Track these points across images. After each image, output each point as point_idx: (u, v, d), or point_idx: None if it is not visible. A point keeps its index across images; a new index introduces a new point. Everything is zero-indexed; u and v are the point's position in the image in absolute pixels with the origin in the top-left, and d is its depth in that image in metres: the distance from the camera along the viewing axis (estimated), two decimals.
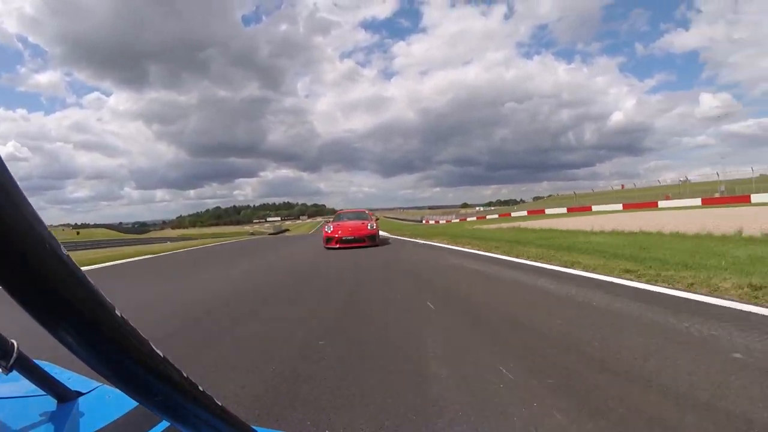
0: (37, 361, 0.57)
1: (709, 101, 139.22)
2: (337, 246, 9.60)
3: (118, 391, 0.25)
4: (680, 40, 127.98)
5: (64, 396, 0.59)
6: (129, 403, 0.56)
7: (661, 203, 32.70)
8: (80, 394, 0.61)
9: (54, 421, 0.55)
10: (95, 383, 0.65)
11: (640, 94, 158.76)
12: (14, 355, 0.47)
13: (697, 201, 29.94)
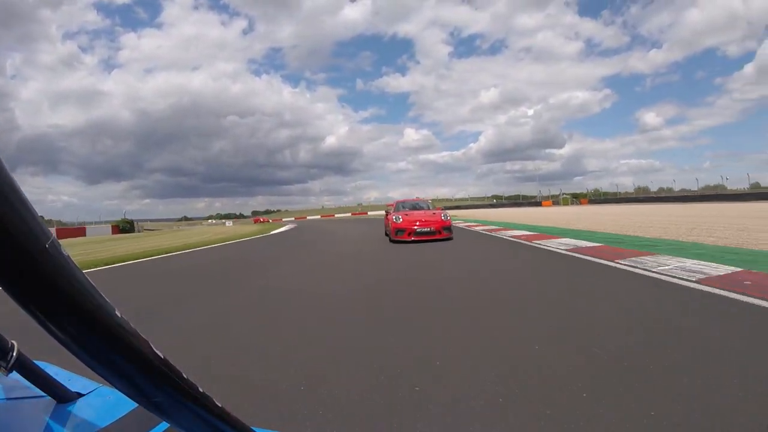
0: (36, 362, 0.57)
1: (412, 135, 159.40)
2: (412, 239, 8.43)
3: (117, 391, 0.25)
4: (396, 83, 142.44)
5: (64, 397, 0.59)
6: (129, 404, 0.56)
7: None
8: (80, 395, 0.61)
9: (53, 422, 0.55)
10: (95, 384, 0.65)
11: (353, 123, 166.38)
12: (14, 355, 0.47)
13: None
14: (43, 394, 0.57)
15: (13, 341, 0.49)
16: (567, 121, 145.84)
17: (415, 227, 8.58)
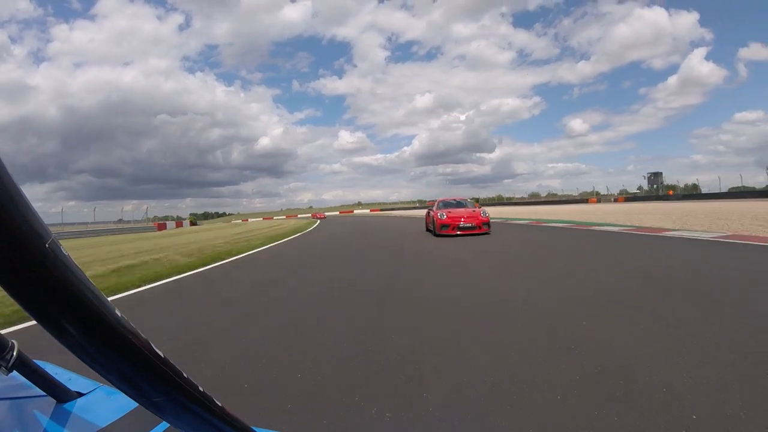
0: (37, 362, 0.57)
1: (347, 137, 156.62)
2: (457, 233, 9.45)
3: (117, 391, 0.25)
4: (332, 85, 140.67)
5: (64, 396, 0.59)
6: (129, 404, 0.56)
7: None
8: (80, 394, 0.61)
9: (54, 421, 0.55)
10: (95, 384, 0.65)
11: (288, 124, 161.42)
12: (14, 355, 0.47)
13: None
14: (44, 393, 0.57)
15: (14, 341, 0.49)
16: (497, 126, 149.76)
17: (459, 223, 9.53)
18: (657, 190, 47.30)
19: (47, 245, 0.20)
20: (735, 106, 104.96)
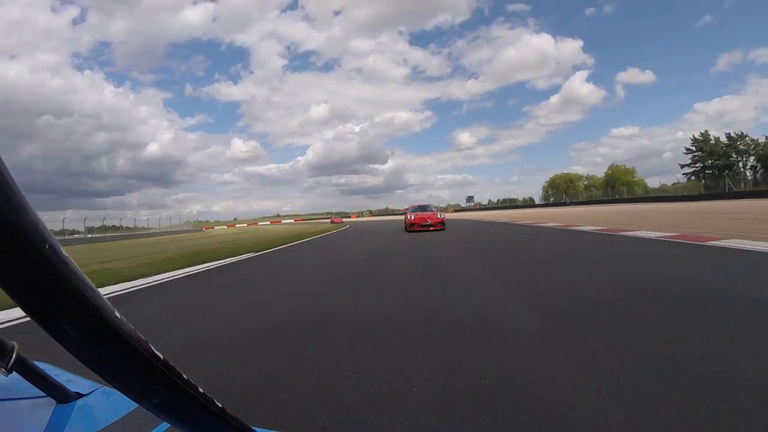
0: (36, 363, 0.57)
1: (240, 145, 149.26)
2: (418, 230, 13.84)
3: (117, 392, 0.25)
4: (227, 91, 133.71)
5: (64, 397, 0.59)
6: (129, 405, 0.56)
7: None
8: (80, 395, 0.61)
9: (54, 422, 0.55)
10: (95, 384, 0.65)
11: (178, 130, 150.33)
12: (14, 356, 0.47)
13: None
14: (44, 394, 0.57)
15: (14, 342, 0.49)
16: (390, 138, 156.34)
17: (422, 222, 14.04)
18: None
19: (47, 246, 0.20)
20: (612, 122, 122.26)
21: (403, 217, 18.35)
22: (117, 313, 0.24)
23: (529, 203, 64.70)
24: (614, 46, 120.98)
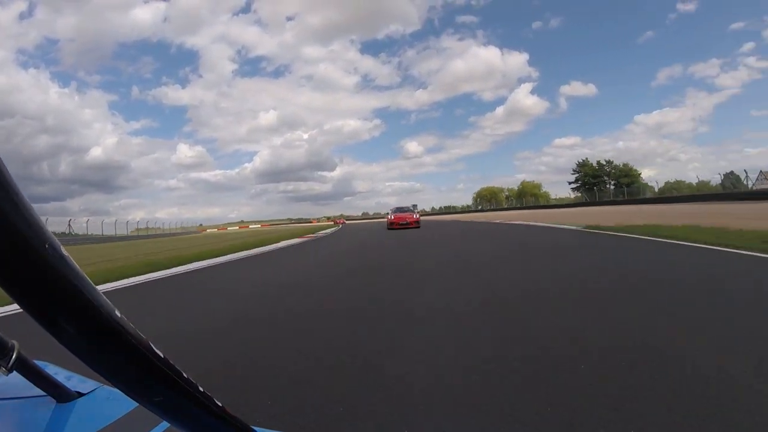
0: (37, 362, 0.57)
1: (186, 151, 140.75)
2: (397, 228, 17.51)
3: (117, 391, 0.25)
4: (175, 95, 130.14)
5: (64, 396, 0.59)
6: (129, 404, 0.56)
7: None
8: (80, 394, 0.61)
9: (54, 421, 0.55)
10: (95, 384, 0.65)
11: (122, 134, 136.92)
12: (14, 355, 0.47)
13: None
14: (44, 393, 0.57)
15: (14, 341, 0.49)
16: (339, 145, 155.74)
17: (400, 221, 17.83)
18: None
19: (47, 246, 0.20)
20: (555, 133, 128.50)
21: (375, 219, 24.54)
22: (117, 312, 0.24)
23: (466, 209, 77.76)
24: (559, 60, 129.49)
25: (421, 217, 21.07)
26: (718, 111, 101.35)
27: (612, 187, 55.37)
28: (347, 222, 59.46)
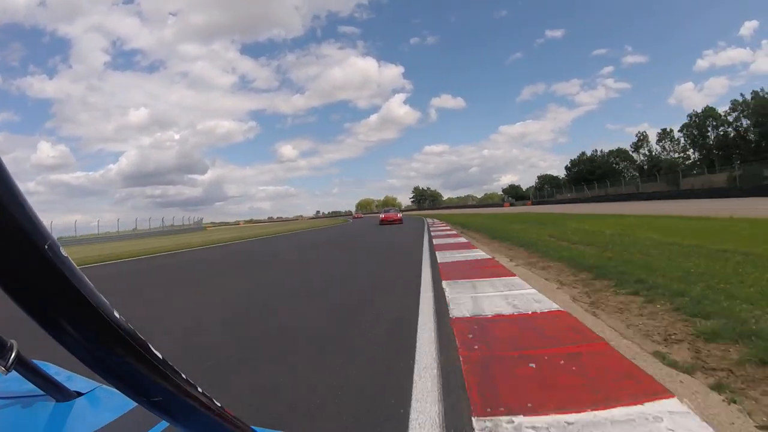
0: (36, 362, 0.57)
1: (47, 150, 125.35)
2: (386, 223, 22.34)
3: (117, 391, 0.25)
4: (41, 86, 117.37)
5: (63, 396, 0.59)
6: (128, 404, 0.56)
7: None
8: (79, 394, 0.61)
9: (53, 421, 0.55)
10: (94, 383, 0.65)
11: None
12: (13, 355, 0.47)
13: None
14: (43, 393, 0.57)
15: (13, 341, 0.49)
16: (211, 147, 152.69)
17: (388, 219, 23.47)
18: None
19: (46, 246, 0.20)
20: (425, 140, 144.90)
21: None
22: (116, 313, 0.24)
23: (349, 214, 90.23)
24: (432, 74, 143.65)
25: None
26: (575, 124, 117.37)
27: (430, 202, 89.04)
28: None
